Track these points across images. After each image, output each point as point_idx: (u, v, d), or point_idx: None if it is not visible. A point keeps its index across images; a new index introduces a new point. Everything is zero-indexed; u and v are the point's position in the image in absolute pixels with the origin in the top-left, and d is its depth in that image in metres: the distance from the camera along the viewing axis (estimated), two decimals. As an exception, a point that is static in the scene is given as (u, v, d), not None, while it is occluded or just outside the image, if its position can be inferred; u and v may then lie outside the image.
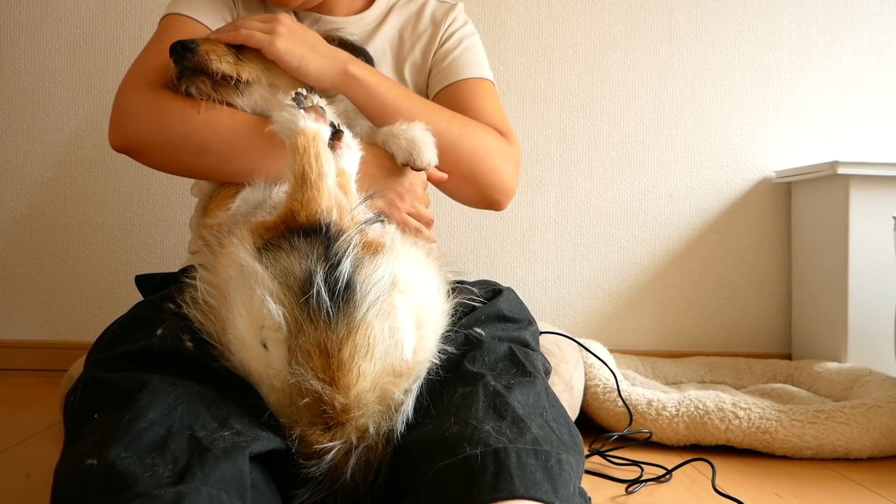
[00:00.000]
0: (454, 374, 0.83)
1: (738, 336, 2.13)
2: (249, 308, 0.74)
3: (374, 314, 0.73)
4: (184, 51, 1.04)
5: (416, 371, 0.78)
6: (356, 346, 0.72)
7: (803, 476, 1.27)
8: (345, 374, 0.71)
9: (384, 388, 0.74)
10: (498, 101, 1.35)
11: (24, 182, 2.06)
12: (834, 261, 1.87)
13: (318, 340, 0.71)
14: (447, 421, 0.75)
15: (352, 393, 0.72)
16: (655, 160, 2.12)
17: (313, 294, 0.71)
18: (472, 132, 1.20)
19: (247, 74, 1.06)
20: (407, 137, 1.06)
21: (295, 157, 0.79)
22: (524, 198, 2.10)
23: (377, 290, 0.74)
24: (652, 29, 2.12)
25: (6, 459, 1.23)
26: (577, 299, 2.12)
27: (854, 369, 1.69)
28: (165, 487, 0.61)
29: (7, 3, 2.05)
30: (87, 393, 0.79)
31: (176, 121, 1.06)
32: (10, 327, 2.06)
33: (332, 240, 0.75)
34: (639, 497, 1.14)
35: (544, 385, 0.85)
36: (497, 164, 1.22)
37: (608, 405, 1.50)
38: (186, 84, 1.05)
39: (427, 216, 1.14)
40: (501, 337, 0.91)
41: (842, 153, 2.11)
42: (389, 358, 0.74)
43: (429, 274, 0.82)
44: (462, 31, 1.38)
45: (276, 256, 0.75)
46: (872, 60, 2.13)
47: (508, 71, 2.09)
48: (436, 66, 1.36)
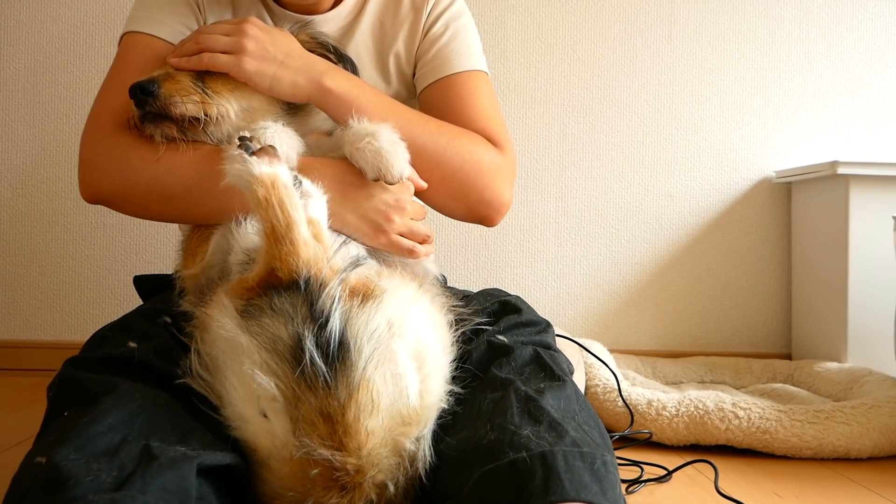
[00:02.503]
0: (482, 381, 0.82)
1: (738, 336, 2.13)
2: (242, 381, 0.71)
3: (374, 367, 0.70)
4: (144, 95, 0.95)
5: (426, 416, 0.75)
6: (360, 407, 0.68)
7: (803, 476, 1.27)
8: (353, 436, 0.68)
9: (395, 440, 0.72)
10: (491, 97, 1.23)
11: (24, 182, 2.06)
12: (834, 261, 1.87)
13: (319, 408, 0.67)
14: (482, 428, 0.74)
15: (363, 453, 0.69)
16: (655, 160, 2.12)
17: (307, 362, 0.67)
18: (461, 144, 1.10)
19: (216, 110, 0.98)
20: (372, 150, 0.95)
21: (259, 212, 0.73)
22: (524, 198, 2.10)
23: (373, 343, 0.70)
24: (652, 29, 2.12)
25: (6, 459, 1.23)
26: (577, 299, 2.12)
27: (854, 369, 1.69)
28: (102, 493, 0.61)
29: (7, 3, 2.05)
30: (60, 390, 0.80)
31: (137, 169, 0.99)
32: (10, 327, 2.06)
33: (315, 296, 0.70)
34: (639, 497, 1.14)
35: (574, 389, 0.84)
36: (488, 180, 1.12)
37: (608, 405, 1.50)
38: (150, 129, 0.98)
39: (422, 232, 1.02)
40: (524, 342, 0.91)
41: (842, 153, 2.11)
42: (396, 407, 0.71)
43: (422, 308, 0.78)
44: (449, 14, 1.25)
45: (261, 323, 0.70)
46: (872, 60, 2.13)
47: (508, 71, 2.09)
48: (421, 57, 1.24)
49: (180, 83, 0.97)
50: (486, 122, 1.18)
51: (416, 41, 1.24)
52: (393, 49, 1.24)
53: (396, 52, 1.24)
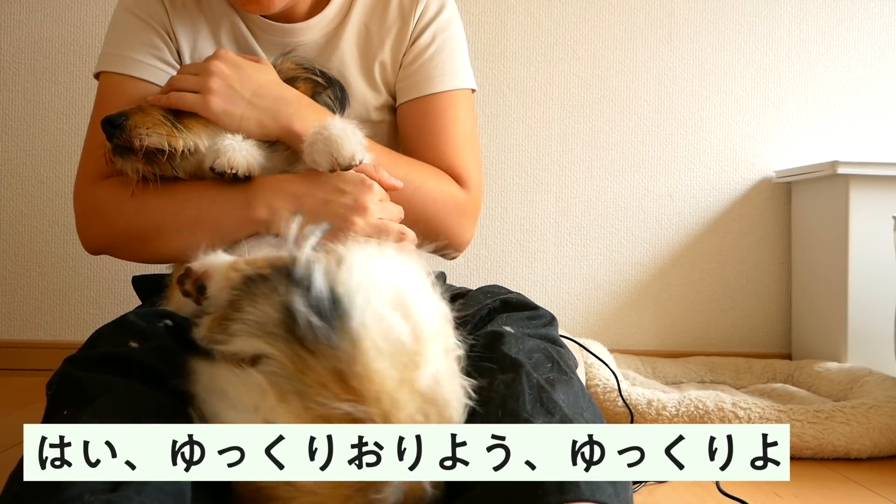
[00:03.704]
0: (491, 359, 0.81)
1: (738, 336, 2.13)
2: (236, 404, 0.69)
3: (370, 314, 0.69)
4: (112, 127, 0.96)
5: (427, 353, 0.73)
6: (367, 354, 0.67)
7: (803, 476, 1.27)
8: (368, 384, 0.67)
9: (410, 380, 0.70)
10: (469, 123, 1.21)
11: (24, 182, 2.06)
12: (834, 261, 1.87)
13: (328, 368, 0.66)
14: (494, 413, 0.73)
15: (384, 398, 0.67)
16: (655, 160, 2.12)
17: (303, 326, 0.66)
18: (429, 190, 1.10)
19: (182, 143, 0.97)
20: (323, 138, 0.92)
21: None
22: (524, 198, 2.10)
23: (362, 292, 0.69)
24: (652, 29, 2.12)
25: (6, 459, 1.23)
26: (577, 299, 2.12)
27: (854, 369, 1.69)
28: (97, 494, 0.61)
29: (7, 3, 2.05)
30: (58, 389, 0.80)
31: (113, 217, 1.03)
32: (10, 327, 2.06)
33: (291, 268, 0.69)
34: (639, 497, 1.14)
35: (580, 385, 0.84)
36: (453, 222, 1.13)
37: (608, 405, 1.50)
38: (120, 163, 0.99)
39: (393, 231, 0.99)
40: (530, 334, 0.90)
41: (842, 153, 2.11)
42: (397, 349, 0.70)
43: (387, 260, 0.77)
44: (437, 24, 1.21)
45: (245, 318, 0.69)
46: (872, 60, 2.13)
47: (508, 71, 2.09)
48: (405, 68, 1.20)
49: (150, 116, 0.98)
50: (458, 158, 1.17)
51: (402, 51, 1.20)
52: (379, 57, 1.20)
53: (382, 61, 1.20)
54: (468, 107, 1.23)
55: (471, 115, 1.23)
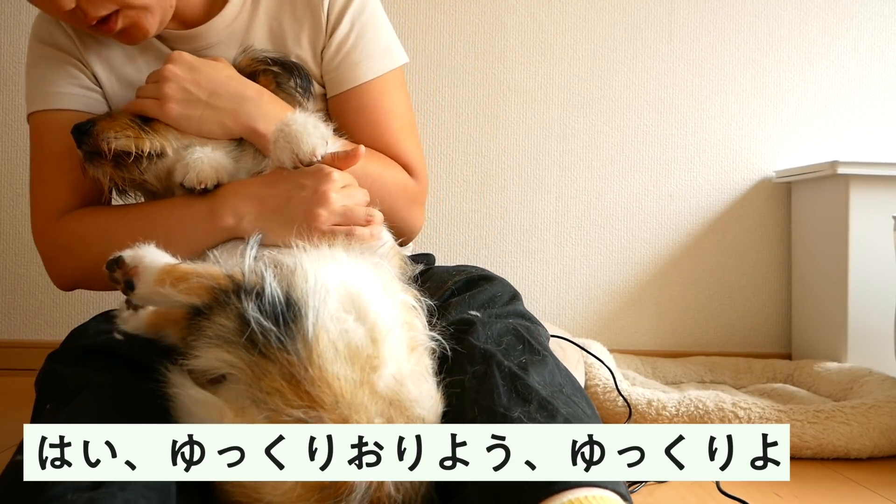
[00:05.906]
0: (459, 352, 0.81)
1: (738, 336, 2.13)
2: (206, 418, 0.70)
3: (325, 316, 0.69)
4: (80, 134, 0.98)
5: (384, 352, 0.73)
6: (323, 357, 0.67)
7: (803, 476, 1.27)
8: (325, 388, 0.66)
9: (370, 382, 0.70)
10: (405, 104, 1.21)
11: (25, 182, 2.05)
12: (834, 261, 1.87)
13: (281, 373, 0.66)
14: (469, 410, 0.73)
15: (342, 402, 0.67)
16: (655, 160, 2.12)
17: (255, 331, 0.66)
18: (385, 182, 1.11)
19: (149, 145, 0.98)
20: (284, 135, 0.92)
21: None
22: (524, 198, 2.10)
23: (316, 295, 0.69)
24: (652, 29, 2.12)
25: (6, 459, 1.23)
26: (577, 299, 2.12)
27: (854, 369, 1.69)
28: (81, 492, 0.61)
29: (7, 3, 2.05)
30: (43, 385, 0.81)
31: (81, 252, 1.04)
32: (10, 327, 2.06)
33: (240, 282, 0.70)
34: (639, 497, 1.14)
35: (554, 361, 0.84)
36: (405, 213, 1.15)
37: (608, 405, 1.50)
38: (92, 170, 0.99)
39: (359, 215, 0.97)
40: (497, 314, 0.90)
41: (842, 153, 2.11)
42: (353, 352, 0.70)
43: (338, 263, 0.77)
44: (352, 10, 1.16)
45: (203, 333, 0.70)
46: (872, 60, 2.13)
47: (508, 70, 2.09)
48: (329, 61, 1.17)
49: (117, 121, 0.99)
50: (403, 148, 1.18)
51: (320, 42, 1.17)
52: (295, 52, 1.17)
53: (299, 56, 1.17)
54: (401, 87, 1.21)
55: (404, 95, 1.22)
